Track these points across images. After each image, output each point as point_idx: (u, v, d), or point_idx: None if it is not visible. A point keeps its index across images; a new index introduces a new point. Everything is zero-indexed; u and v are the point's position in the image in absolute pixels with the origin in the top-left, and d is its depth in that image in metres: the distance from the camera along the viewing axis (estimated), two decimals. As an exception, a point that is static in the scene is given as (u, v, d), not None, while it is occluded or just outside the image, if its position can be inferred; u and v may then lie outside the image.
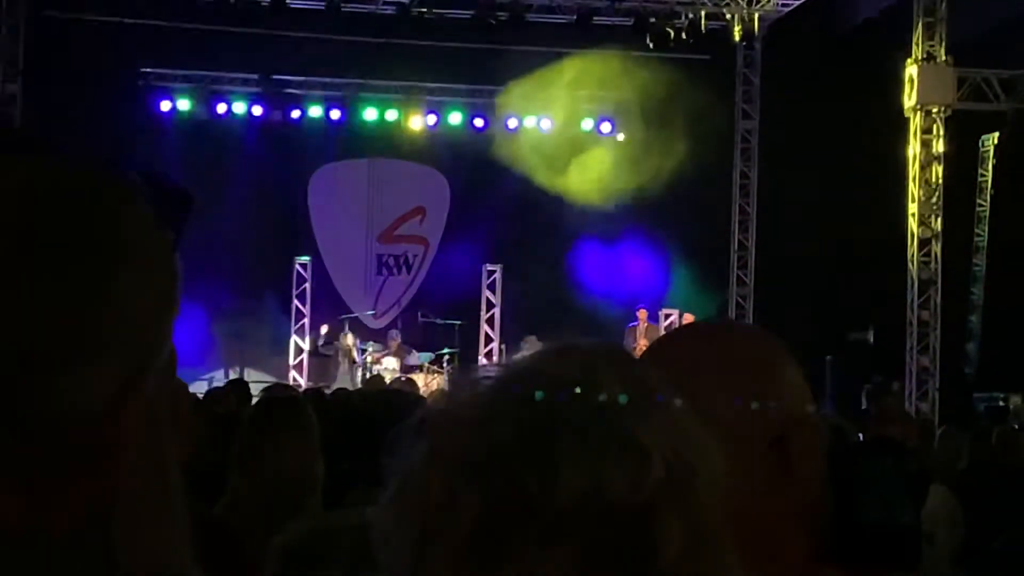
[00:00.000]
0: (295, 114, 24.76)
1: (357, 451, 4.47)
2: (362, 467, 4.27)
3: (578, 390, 1.24)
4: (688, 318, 21.38)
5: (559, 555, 1.17)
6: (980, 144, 24.06)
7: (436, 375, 21.92)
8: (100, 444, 1.29)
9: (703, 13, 23.55)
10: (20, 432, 1.21)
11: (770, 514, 1.70)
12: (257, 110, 24.56)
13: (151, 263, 1.33)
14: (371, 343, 22.96)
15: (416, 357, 22.59)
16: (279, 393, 8.01)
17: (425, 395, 20.26)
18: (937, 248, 22.08)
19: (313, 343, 23.53)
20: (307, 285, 24.25)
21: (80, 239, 1.26)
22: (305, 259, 24.37)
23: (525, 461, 1.20)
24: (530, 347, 13.43)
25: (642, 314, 22.39)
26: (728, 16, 23.83)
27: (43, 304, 1.20)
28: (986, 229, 24.11)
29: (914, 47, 21.66)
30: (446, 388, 1.34)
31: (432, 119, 25.07)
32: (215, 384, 16.49)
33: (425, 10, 22.75)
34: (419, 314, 23.75)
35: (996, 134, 23.70)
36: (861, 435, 9.87)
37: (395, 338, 22.84)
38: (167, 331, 1.38)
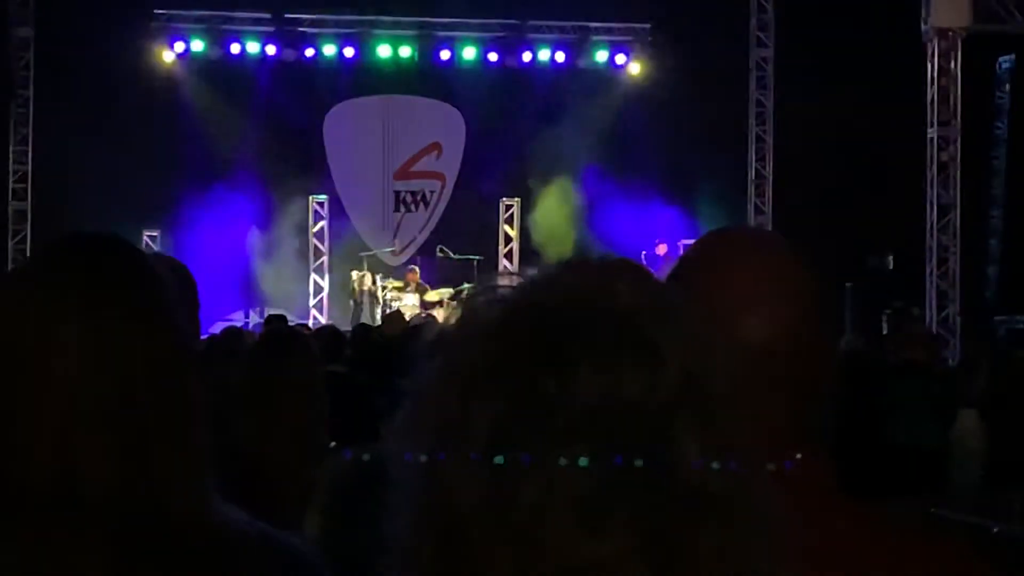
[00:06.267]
0: (309, 53, 24.65)
1: (393, 387, 4.51)
2: (395, 399, 4.30)
3: (594, 297, 1.25)
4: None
5: (577, 460, 1.17)
6: (997, 66, 23.90)
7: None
8: None
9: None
10: None
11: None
12: (271, 50, 24.46)
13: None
14: (390, 280, 22.99)
15: (435, 293, 22.60)
16: (278, 326, 8.08)
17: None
18: (956, 172, 21.98)
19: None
20: (324, 223, 24.27)
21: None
22: (322, 198, 24.37)
23: (542, 362, 1.20)
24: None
25: (661, 248, 22.32)
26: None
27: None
28: (1004, 151, 23.98)
29: (929, -31, 21.49)
30: (460, 305, 1.33)
31: (446, 54, 24.94)
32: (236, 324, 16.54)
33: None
34: (437, 249, 23.76)
35: (1013, 55, 23.53)
36: (883, 360, 9.88)
37: (414, 274, 22.84)
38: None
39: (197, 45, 24.35)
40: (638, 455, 1.18)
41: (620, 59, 25.28)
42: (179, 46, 24.29)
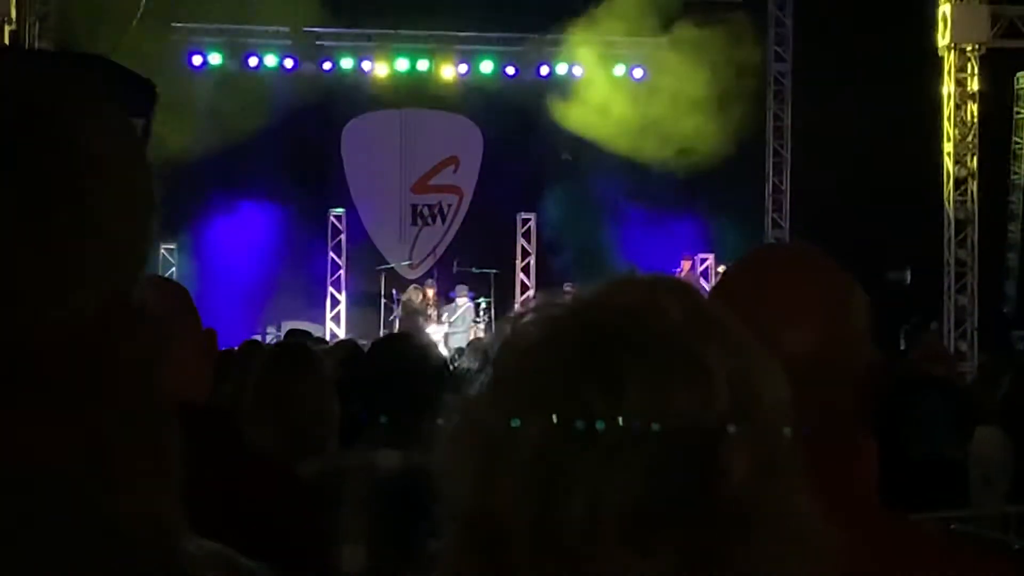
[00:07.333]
0: (327, 66, 24.71)
1: (369, 395, 4.55)
2: (373, 411, 4.36)
3: (642, 314, 1.25)
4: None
5: (624, 477, 1.17)
6: (1015, 81, 23.87)
7: (472, 324, 21.96)
8: (94, 366, 1.23)
9: (734, -45, 23.42)
10: (19, 365, 1.17)
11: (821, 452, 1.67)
12: (288, 63, 24.52)
13: (125, 169, 1.27)
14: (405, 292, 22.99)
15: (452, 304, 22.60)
16: (290, 341, 8.11)
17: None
18: (973, 187, 21.96)
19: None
20: (342, 237, 24.29)
21: (49, 159, 1.19)
22: (340, 211, 24.38)
23: (590, 381, 1.20)
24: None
25: (686, 264, 22.38)
26: (759, -43, 23.67)
27: (23, 240, 1.15)
28: (1022, 166, 23.94)
29: (947, -15, 21.50)
30: (507, 322, 1.32)
31: (464, 68, 24.96)
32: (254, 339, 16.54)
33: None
34: (454, 263, 23.76)
35: (1031, 71, 23.51)
36: (903, 374, 9.86)
37: (431, 288, 22.84)
38: (149, 238, 1.28)
39: (215, 58, 24.40)
40: (685, 473, 1.18)
41: (638, 73, 25.26)
42: (197, 59, 24.35)
